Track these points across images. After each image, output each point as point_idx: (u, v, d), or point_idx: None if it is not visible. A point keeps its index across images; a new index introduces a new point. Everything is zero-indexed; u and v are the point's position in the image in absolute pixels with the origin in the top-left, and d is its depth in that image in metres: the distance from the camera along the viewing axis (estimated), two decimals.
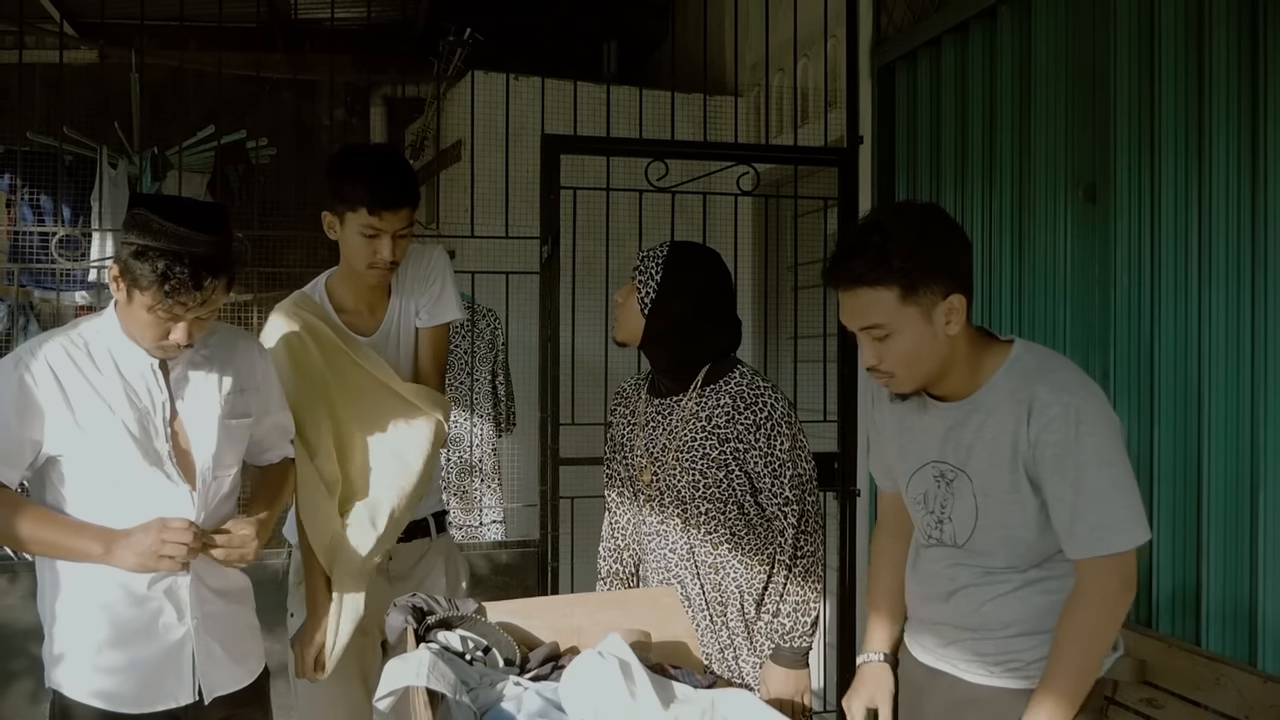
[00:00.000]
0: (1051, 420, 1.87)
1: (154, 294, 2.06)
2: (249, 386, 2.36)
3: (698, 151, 4.12)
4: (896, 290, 1.90)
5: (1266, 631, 2.47)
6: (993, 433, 1.95)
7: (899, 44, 3.95)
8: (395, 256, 2.58)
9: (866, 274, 1.91)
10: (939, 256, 1.93)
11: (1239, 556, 2.56)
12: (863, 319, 1.95)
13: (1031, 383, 1.92)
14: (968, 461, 1.99)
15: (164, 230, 2.07)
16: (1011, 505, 1.95)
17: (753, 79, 4.96)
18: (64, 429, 2.12)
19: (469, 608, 2.12)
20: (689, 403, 2.51)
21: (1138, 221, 2.88)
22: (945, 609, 2.08)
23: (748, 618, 2.51)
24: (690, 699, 1.89)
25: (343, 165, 2.61)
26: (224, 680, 2.29)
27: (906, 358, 1.95)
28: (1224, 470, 2.61)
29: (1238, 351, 2.59)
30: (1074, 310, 3.13)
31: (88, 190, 5.05)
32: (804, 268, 4.53)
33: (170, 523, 2.12)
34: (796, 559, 2.48)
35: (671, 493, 2.51)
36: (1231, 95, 2.62)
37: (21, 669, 3.66)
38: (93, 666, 2.17)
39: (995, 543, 1.99)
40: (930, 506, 2.07)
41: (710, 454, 2.47)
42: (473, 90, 4.11)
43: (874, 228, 1.95)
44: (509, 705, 1.81)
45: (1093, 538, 1.86)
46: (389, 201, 2.52)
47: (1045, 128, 3.24)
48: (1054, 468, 1.89)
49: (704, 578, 2.50)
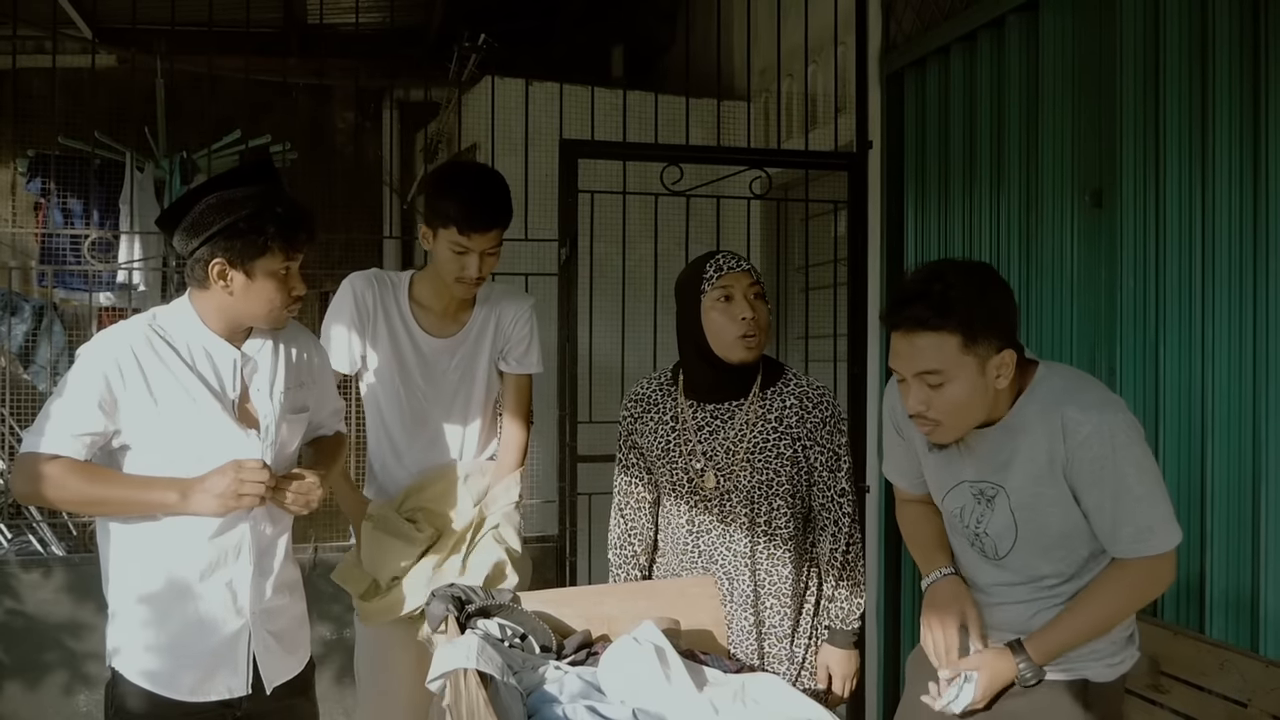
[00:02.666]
0: (1086, 438, 1.94)
1: (281, 249, 2.15)
2: (307, 381, 2.43)
3: (711, 156, 4.19)
4: (959, 338, 1.94)
5: (1268, 619, 2.55)
6: (1028, 451, 2.01)
7: (908, 52, 4.03)
8: (482, 273, 2.70)
9: (931, 319, 1.94)
10: (998, 310, 1.99)
11: (1242, 549, 2.64)
12: (921, 364, 1.97)
13: (1060, 404, 1.98)
14: (1006, 479, 2.06)
15: (249, 195, 2.16)
16: (1053, 514, 2.02)
17: (761, 84, 5.03)
18: (144, 416, 2.16)
19: (504, 597, 2.20)
20: (752, 406, 2.57)
21: (1143, 226, 2.94)
22: (997, 615, 2.15)
23: (796, 606, 2.60)
24: (721, 683, 1.97)
25: (442, 183, 2.74)
26: (280, 671, 2.35)
27: (956, 406, 1.99)
28: (1227, 466, 2.69)
29: (1240, 351, 2.66)
30: (1081, 312, 3.20)
31: (115, 194, 5.12)
32: (814, 269, 4.62)
33: (245, 463, 2.17)
34: (850, 547, 2.58)
35: (738, 494, 2.55)
36: (1234, 103, 2.69)
37: (55, 662, 3.75)
38: (151, 652, 2.22)
39: (1037, 555, 2.06)
40: (966, 520, 2.13)
41: (785, 453, 2.54)
42: (493, 95, 4.19)
43: (936, 276, 1.97)
44: (551, 687, 1.89)
45: (1138, 539, 1.96)
46: (479, 224, 2.64)
47: (1052, 135, 3.31)
48: (1092, 481, 1.96)
49: (754, 573, 2.56)
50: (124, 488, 2.16)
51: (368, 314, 2.76)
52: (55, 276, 4.62)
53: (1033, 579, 2.09)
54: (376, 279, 2.81)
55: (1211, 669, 2.36)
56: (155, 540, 2.21)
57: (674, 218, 4.08)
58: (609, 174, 4.12)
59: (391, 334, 2.78)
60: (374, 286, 2.79)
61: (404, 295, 2.82)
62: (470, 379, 2.86)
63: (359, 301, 2.76)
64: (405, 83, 6.08)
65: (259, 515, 2.28)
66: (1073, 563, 2.06)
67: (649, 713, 1.82)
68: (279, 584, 2.36)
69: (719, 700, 1.89)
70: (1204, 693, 2.37)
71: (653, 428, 2.65)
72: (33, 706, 3.75)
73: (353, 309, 2.76)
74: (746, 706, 1.89)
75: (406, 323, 2.79)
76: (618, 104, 4.15)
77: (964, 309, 1.93)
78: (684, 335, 2.60)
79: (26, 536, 4.41)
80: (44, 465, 2.09)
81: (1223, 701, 2.33)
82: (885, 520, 4.13)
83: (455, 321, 2.85)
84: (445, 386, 2.83)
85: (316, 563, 3.87)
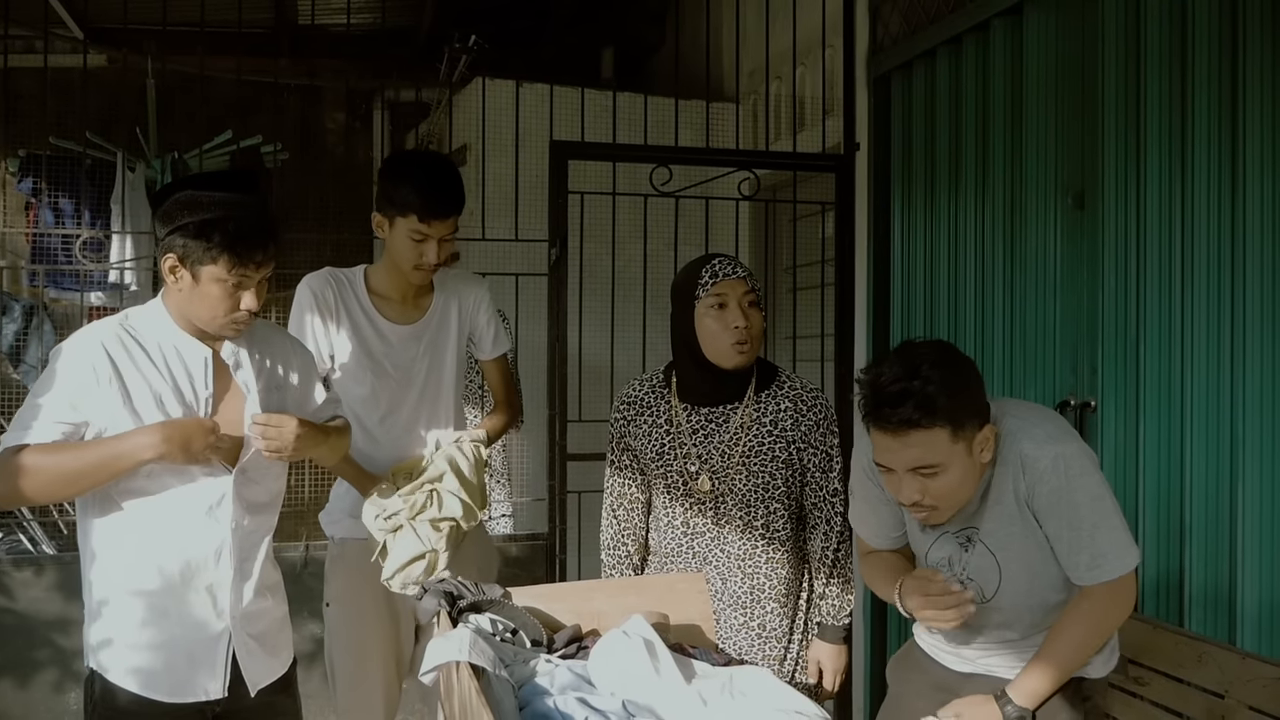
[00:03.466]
0: (1043, 472, 2.02)
1: (227, 261, 2.12)
2: (284, 384, 2.41)
3: (700, 158, 4.23)
4: (948, 430, 1.98)
5: (1245, 613, 2.60)
6: (995, 493, 2.09)
7: (895, 55, 4.06)
8: (439, 259, 2.73)
9: (921, 419, 1.97)
10: (974, 392, 2.04)
11: (1220, 544, 2.68)
12: (916, 460, 2.01)
13: (1016, 443, 2.05)
14: (980, 521, 2.12)
15: (215, 200, 2.14)
16: (1030, 549, 2.09)
17: (750, 86, 5.06)
18: (116, 414, 2.14)
19: (495, 593, 2.22)
20: (747, 410, 2.59)
21: (1124, 227, 2.98)
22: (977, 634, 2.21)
23: (793, 605, 2.63)
24: (710, 675, 2.00)
25: (396, 171, 2.76)
26: (263, 673, 2.35)
27: (951, 491, 2.03)
28: (1205, 462, 2.73)
29: (1218, 349, 2.71)
30: (1064, 311, 3.23)
31: (106, 194, 5.13)
32: (802, 269, 4.65)
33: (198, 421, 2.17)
34: (841, 545, 2.62)
35: (734, 496, 2.57)
36: (1213, 108, 2.73)
37: (46, 659, 3.76)
38: (132, 653, 2.21)
39: (1023, 593, 2.12)
40: (955, 569, 2.18)
41: (780, 456, 2.57)
42: (484, 96, 4.22)
43: (913, 373, 1.98)
44: (542, 680, 1.92)
45: (1094, 566, 2.02)
46: (438, 210, 2.67)
47: (1036, 138, 3.35)
48: (1050, 512, 2.04)
49: (751, 575, 2.59)
50: (96, 448, 2.12)
51: (330, 311, 2.78)
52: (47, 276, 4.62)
53: (1028, 619, 2.15)
54: (332, 277, 2.82)
55: (1190, 661, 2.40)
56: (135, 543, 2.20)
57: (663, 218, 4.11)
58: (599, 175, 4.15)
59: (356, 328, 2.80)
60: (331, 284, 2.80)
61: (361, 289, 2.83)
62: (440, 363, 2.88)
63: (320, 300, 2.77)
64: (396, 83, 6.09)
65: (238, 514, 2.26)
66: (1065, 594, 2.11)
67: (638, 704, 1.85)
68: (260, 587, 2.34)
69: (707, 692, 1.92)
70: (1183, 685, 2.41)
71: (646, 430, 2.66)
72: (23, 704, 3.76)
73: (314, 309, 2.77)
74: (734, 698, 1.92)
75: (369, 315, 2.81)
76: (607, 105, 4.19)
77: (948, 402, 1.97)
78: (678, 339, 2.61)
79: (17, 535, 4.43)
80: (14, 459, 2.07)
81: (1201, 693, 2.37)
82: None
83: (417, 308, 2.87)
84: (416, 372, 2.85)
85: (308, 560, 3.90)
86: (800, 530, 2.65)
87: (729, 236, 4.18)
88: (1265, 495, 2.59)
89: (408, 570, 2.66)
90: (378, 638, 2.81)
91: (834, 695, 2.70)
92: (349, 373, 2.81)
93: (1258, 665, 2.27)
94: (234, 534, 2.26)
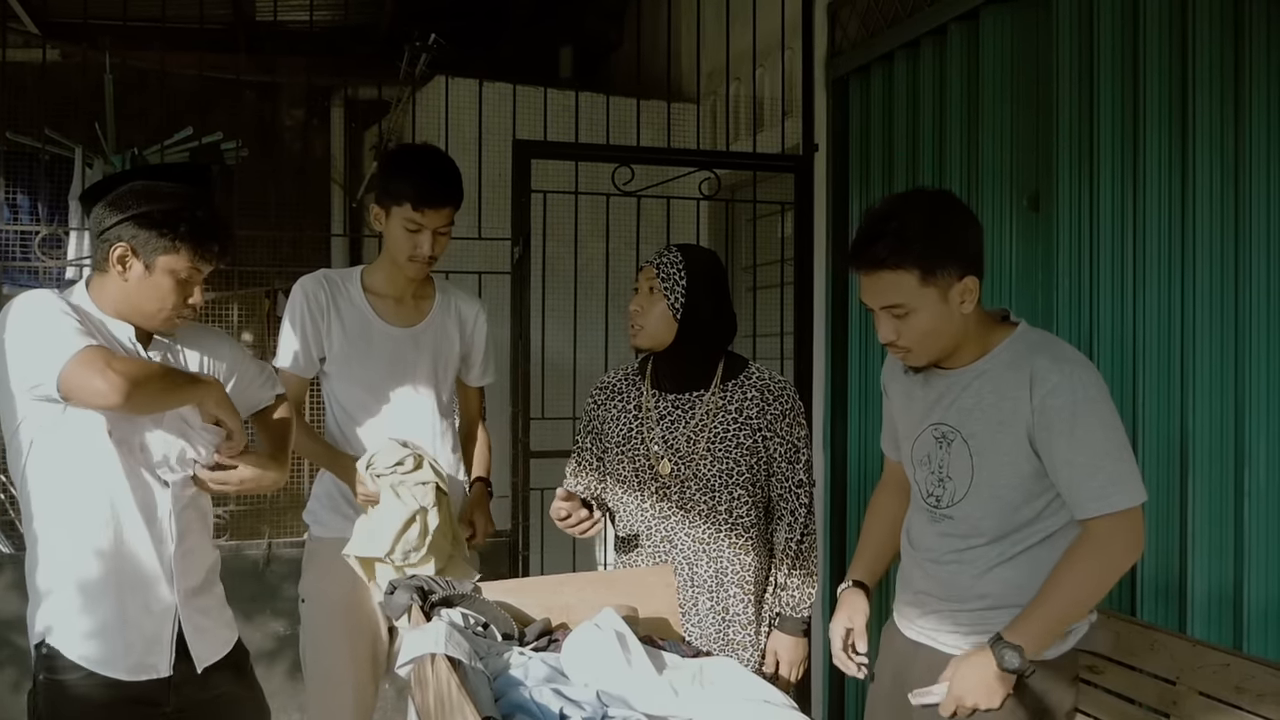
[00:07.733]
0: (1055, 387, 2.01)
1: (189, 252, 2.13)
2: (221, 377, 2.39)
3: (662, 157, 4.27)
4: (917, 273, 2.03)
5: (1194, 603, 2.68)
6: (993, 398, 2.10)
7: (853, 57, 4.12)
8: (435, 251, 2.76)
9: (889, 258, 2.03)
10: (956, 240, 2.07)
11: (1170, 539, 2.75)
12: (884, 299, 2.08)
13: (1033, 354, 2.07)
14: (965, 424, 2.14)
15: (174, 192, 2.14)
16: (1005, 467, 2.09)
17: (710, 87, 5.10)
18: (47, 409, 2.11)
19: (466, 587, 2.25)
20: (713, 397, 2.65)
21: (1078, 229, 3.04)
22: (929, 579, 2.24)
23: (759, 593, 2.67)
24: (680, 666, 2.03)
25: (393, 163, 2.82)
26: (211, 650, 2.34)
27: (923, 335, 2.09)
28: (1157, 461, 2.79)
29: (1169, 349, 2.78)
30: (1019, 310, 3.19)
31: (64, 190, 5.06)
32: (761, 268, 4.71)
33: None
34: (804, 536, 2.66)
35: (698, 482, 2.62)
36: (1163, 113, 2.80)
37: (4, 658, 3.72)
38: (86, 631, 2.19)
39: (983, 504, 2.13)
40: (932, 466, 2.21)
41: (744, 444, 2.62)
42: (446, 94, 4.22)
43: (891, 215, 2.06)
44: (516, 672, 1.94)
45: (1101, 495, 1.99)
46: (433, 200, 2.70)
47: (992, 140, 3.41)
48: (1060, 430, 2.01)
49: (716, 559, 2.63)
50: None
51: (321, 313, 2.79)
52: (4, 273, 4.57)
53: (969, 535, 2.16)
54: (326, 278, 2.84)
55: (1142, 649, 2.47)
56: (82, 521, 2.19)
57: (625, 217, 4.15)
58: (561, 174, 4.17)
59: (349, 328, 2.81)
60: (325, 286, 2.82)
61: (357, 289, 2.85)
62: (436, 368, 2.90)
63: (311, 302, 2.79)
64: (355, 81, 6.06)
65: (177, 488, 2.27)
66: (1006, 524, 2.12)
67: (611, 694, 1.89)
68: (202, 564, 2.36)
69: (678, 682, 1.95)
70: (1136, 672, 2.47)
71: (615, 415, 2.74)
72: None
73: (305, 310, 2.78)
74: (704, 688, 1.95)
75: (365, 315, 2.83)
76: (569, 105, 4.21)
77: (919, 245, 2.02)
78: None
79: None
80: None
81: (1153, 680, 2.43)
82: (831, 514, 4.23)
83: (416, 310, 2.89)
84: (412, 374, 2.86)
85: (271, 558, 3.88)
86: (767, 520, 2.70)
87: (689, 235, 4.21)
88: (1213, 501, 2.67)
89: (404, 538, 2.63)
90: (351, 634, 2.81)
91: (790, 688, 2.71)
92: (342, 373, 2.83)
93: (1207, 652, 2.34)
94: (174, 512, 2.26)
